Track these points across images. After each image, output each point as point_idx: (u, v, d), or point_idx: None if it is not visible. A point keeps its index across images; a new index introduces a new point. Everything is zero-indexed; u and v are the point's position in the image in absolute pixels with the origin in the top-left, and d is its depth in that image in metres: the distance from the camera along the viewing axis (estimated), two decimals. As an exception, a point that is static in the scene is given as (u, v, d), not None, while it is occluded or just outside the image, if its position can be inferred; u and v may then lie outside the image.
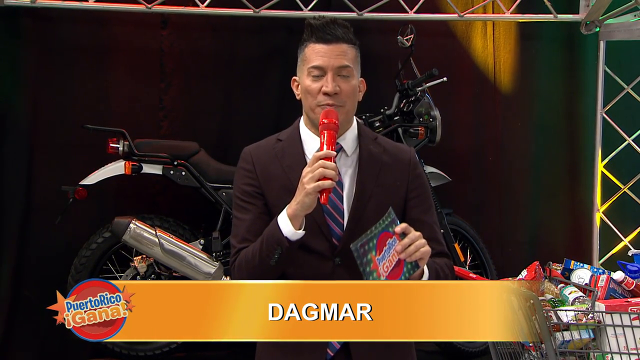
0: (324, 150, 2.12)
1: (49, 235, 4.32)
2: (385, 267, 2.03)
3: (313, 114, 2.25)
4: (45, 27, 4.39)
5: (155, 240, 3.92)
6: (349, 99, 2.25)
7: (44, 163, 4.39)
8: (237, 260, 2.24)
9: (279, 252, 2.13)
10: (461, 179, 4.81)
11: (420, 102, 4.37)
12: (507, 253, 5.00)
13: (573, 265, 2.73)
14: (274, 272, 2.17)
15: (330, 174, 2.07)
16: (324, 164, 2.07)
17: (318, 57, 2.23)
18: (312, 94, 2.24)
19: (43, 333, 4.32)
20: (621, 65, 4.98)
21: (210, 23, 4.59)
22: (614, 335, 2.43)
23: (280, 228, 2.13)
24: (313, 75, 2.23)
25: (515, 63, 5.04)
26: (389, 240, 2.05)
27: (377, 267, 2.02)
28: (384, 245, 2.04)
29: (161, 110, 4.55)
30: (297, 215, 2.12)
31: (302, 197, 2.09)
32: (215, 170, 4.18)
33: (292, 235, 2.13)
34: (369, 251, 2.02)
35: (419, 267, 2.09)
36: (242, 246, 2.25)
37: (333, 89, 2.21)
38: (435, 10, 4.80)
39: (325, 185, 2.06)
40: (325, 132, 2.15)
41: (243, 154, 2.35)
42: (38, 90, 4.39)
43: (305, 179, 2.08)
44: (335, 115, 2.18)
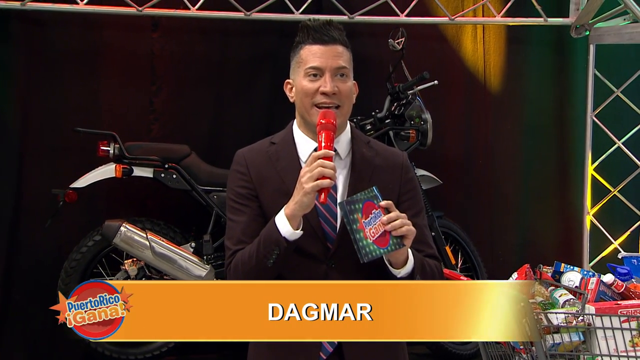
0: (322, 150, 2.12)
1: (39, 239, 4.30)
2: (371, 232, 2.06)
3: (309, 116, 2.25)
4: (35, 30, 4.38)
5: (146, 244, 3.92)
6: (346, 100, 2.26)
7: (34, 166, 4.37)
8: (233, 262, 2.23)
9: (277, 253, 2.13)
10: (452, 182, 4.82)
11: (412, 105, 4.37)
12: (498, 256, 5.02)
13: (563, 267, 2.73)
14: (270, 274, 2.16)
15: (328, 173, 2.07)
16: (322, 163, 2.08)
17: (315, 57, 2.23)
18: (310, 95, 2.23)
19: (33, 337, 4.31)
20: (611, 68, 5.01)
21: (201, 26, 4.59)
22: (603, 337, 2.43)
23: (278, 228, 2.13)
24: (311, 76, 2.23)
25: (505, 66, 5.05)
26: (374, 210, 2.08)
27: (363, 228, 2.05)
28: (369, 213, 2.07)
29: (152, 113, 4.54)
30: (295, 215, 2.12)
31: (300, 196, 2.09)
32: (206, 173, 4.18)
33: (291, 235, 2.13)
34: (355, 211, 2.05)
35: (404, 245, 2.11)
36: (238, 248, 2.24)
37: (332, 89, 2.21)
38: (426, 13, 4.82)
39: (324, 185, 2.07)
40: (323, 132, 2.16)
41: (236, 156, 2.34)
42: (28, 93, 4.38)
43: (304, 178, 2.09)
44: (332, 116, 2.18)
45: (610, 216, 5.02)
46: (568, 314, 2.46)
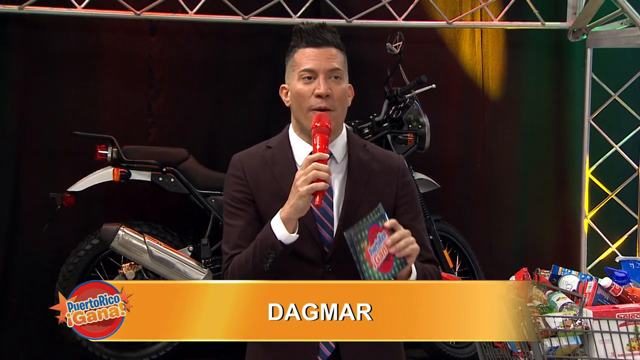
0: (316, 153, 2.13)
1: (36, 242, 4.30)
2: (376, 258, 2.05)
3: (304, 119, 2.25)
4: (33, 34, 4.38)
5: (143, 247, 3.90)
6: (340, 102, 2.26)
7: (32, 170, 4.37)
8: (230, 267, 2.23)
9: (273, 257, 2.13)
10: (450, 186, 4.82)
11: (409, 109, 4.36)
12: (496, 259, 5.00)
13: (561, 271, 2.72)
14: (266, 278, 2.14)
15: (323, 176, 2.08)
16: (317, 166, 2.08)
17: (309, 60, 2.23)
18: (304, 97, 2.23)
19: (30, 341, 4.31)
20: (608, 72, 5.01)
21: (199, 30, 4.60)
22: (601, 341, 2.41)
23: (274, 232, 2.13)
24: (304, 78, 2.24)
25: (503, 70, 5.05)
26: (379, 233, 2.07)
27: (369, 257, 2.04)
28: (374, 238, 2.06)
29: (150, 117, 4.54)
30: (290, 218, 2.12)
31: (295, 199, 2.10)
32: (204, 176, 4.17)
33: (286, 239, 2.13)
34: (361, 240, 2.04)
35: (407, 264, 2.11)
36: (235, 252, 2.24)
37: (325, 91, 2.21)
38: (424, 17, 4.81)
39: (319, 187, 2.07)
40: (318, 136, 2.16)
41: (233, 160, 2.35)
42: (26, 97, 4.38)
43: (299, 181, 2.09)
44: (327, 119, 2.18)
45: (608, 220, 5.02)
46: (566, 317, 2.44)
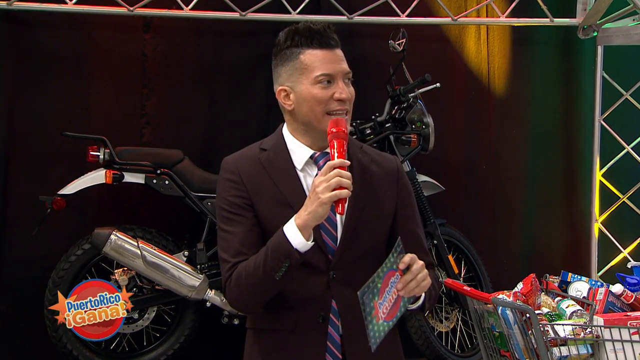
0: (335, 159, 2.10)
1: (25, 248, 4.27)
2: (384, 309, 2.05)
3: (318, 123, 2.22)
4: (22, 31, 4.37)
5: (137, 252, 3.88)
6: (352, 105, 2.28)
7: (21, 172, 4.36)
8: (235, 275, 2.18)
9: (287, 265, 2.10)
10: (455, 188, 4.82)
11: (413, 109, 4.36)
12: (503, 265, 5.02)
13: (570, 277, 2.86)
14: (275, 288, 2.14)
15: (346, 184, 2.06)
16: (339, 173, 2.06)
17: (325, 64, 2.22)
18: (323, 102, 2.21)
19: (19, 349, 4.30)
20: (619, 70, 5.03)
21: (195, 26, 4.60)
22: (612, 350, 2.46)
23: (289, 239, 2.10)
24: (324, 82, 2.21)
25: (510, 68, 5.06)
26: (392, 278, 2.07)
27: (377, 312, 2.03)
28: (386, 286, 2.06)
29: (143, 117, 4.53)
30: (307, 225, 2.09)
31: (315, 206, 2.06)
32: (199, 179, 4.15)
33: (303, 247, 2.10)
34: (372, 298, 2.03)
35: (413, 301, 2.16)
36: (238, 260, 2.19)
37: (348, 95, 2.22)
38: (428, 13, 4.83)
39: (342, 195, 2.05)
40: (335, 141, 2.14)
41: (225, 164, 2.31)
42: (14, 97, 4.37)
43: (320, 188, 2.06)
44: (344, 124, 2.17)
45: (620, 224, 5.02)
46: (576, 325, 2.48)
